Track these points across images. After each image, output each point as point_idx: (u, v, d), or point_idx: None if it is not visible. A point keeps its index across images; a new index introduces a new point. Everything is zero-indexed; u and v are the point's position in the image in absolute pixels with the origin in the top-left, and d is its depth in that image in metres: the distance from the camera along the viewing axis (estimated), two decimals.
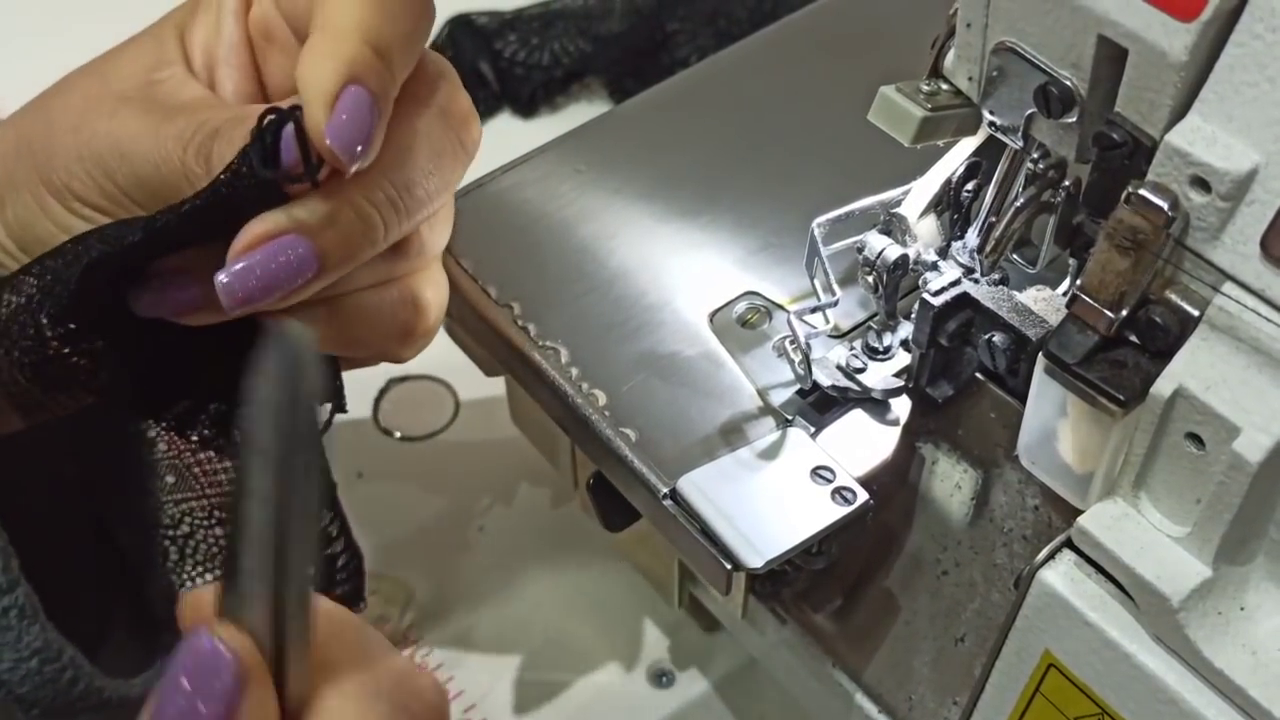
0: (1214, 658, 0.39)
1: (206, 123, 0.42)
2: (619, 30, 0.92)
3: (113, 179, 0.43)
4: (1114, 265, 0.39)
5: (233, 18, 0.47)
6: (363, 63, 0.41)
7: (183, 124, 0.42)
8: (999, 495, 0.49)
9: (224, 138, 0.42)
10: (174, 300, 0.43)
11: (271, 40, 0.47)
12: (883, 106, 0.45)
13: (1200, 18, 0.36)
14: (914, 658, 0.50)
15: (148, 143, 0.42)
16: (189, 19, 0.47)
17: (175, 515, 0.49)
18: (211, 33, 0.47)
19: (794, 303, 0.54)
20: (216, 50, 0.47)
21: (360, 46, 0.41)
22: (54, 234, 0.44)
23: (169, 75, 0.45)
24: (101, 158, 0.43)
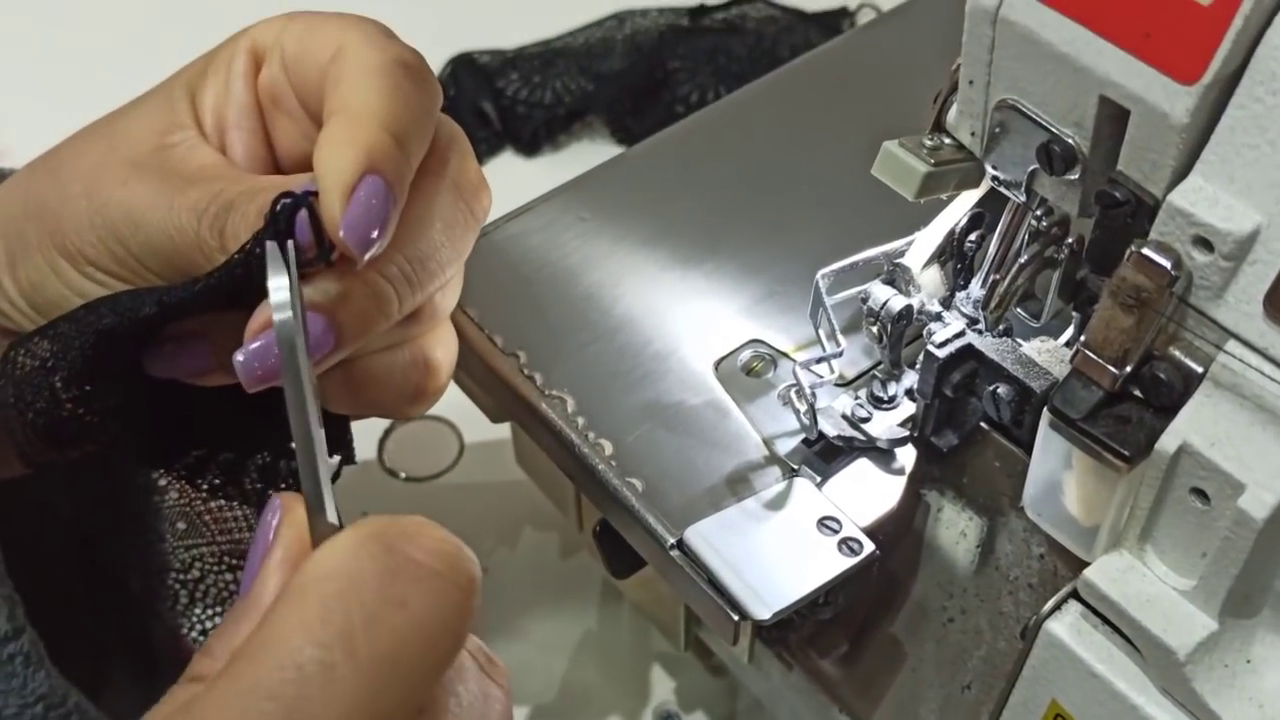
0: (1221, 711, 0.40)
1: (220, 195, 0.42)
2: (620, 68, 0.93)
3: (126, 246, 0.43)
4: (1118, 322, 0.39)
5: (242, 81, 0.47)
6: (381, 151, 0.41)
7: (196, 196, 0.42)
8: (1004, 543, 0.49)
9: (238, 211, 0.42)
10: (188, 365, 0.43)
11: (279, 106, 0.47)
12: (886, 162, 0.45)
13: (1201, 81, 0.36)
14: (920, 705, 0.50)
15: (162, 213, 0.42)
16: (199, 80, 0.47)
17: (186, 560, 0.49)
18: (221, 95, 0.46)
19: (799, 350, 0.54)
20: (227, 113, 0.47)
21: (379, 133, 0.41)
22: (66, 296, 0.44)
23: (181, 140, 0.45)
24: (114, 225, 0.43)
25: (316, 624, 0.34)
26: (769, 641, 0.53)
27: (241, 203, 0.42)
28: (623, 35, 0.95)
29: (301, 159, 0.47)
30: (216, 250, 0.42)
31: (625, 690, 0.66)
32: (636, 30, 0.95)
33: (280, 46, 0.46)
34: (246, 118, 0.47)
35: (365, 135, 0.41)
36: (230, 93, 0.46)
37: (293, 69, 0.46)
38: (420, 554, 0.35)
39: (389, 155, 0.41)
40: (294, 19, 0.47)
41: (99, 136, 0.46)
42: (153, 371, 0.43)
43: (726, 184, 0.62)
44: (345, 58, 0.43)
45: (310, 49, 0.45)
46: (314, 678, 0.33)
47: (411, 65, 0.44)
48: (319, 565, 0.35)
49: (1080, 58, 0.39)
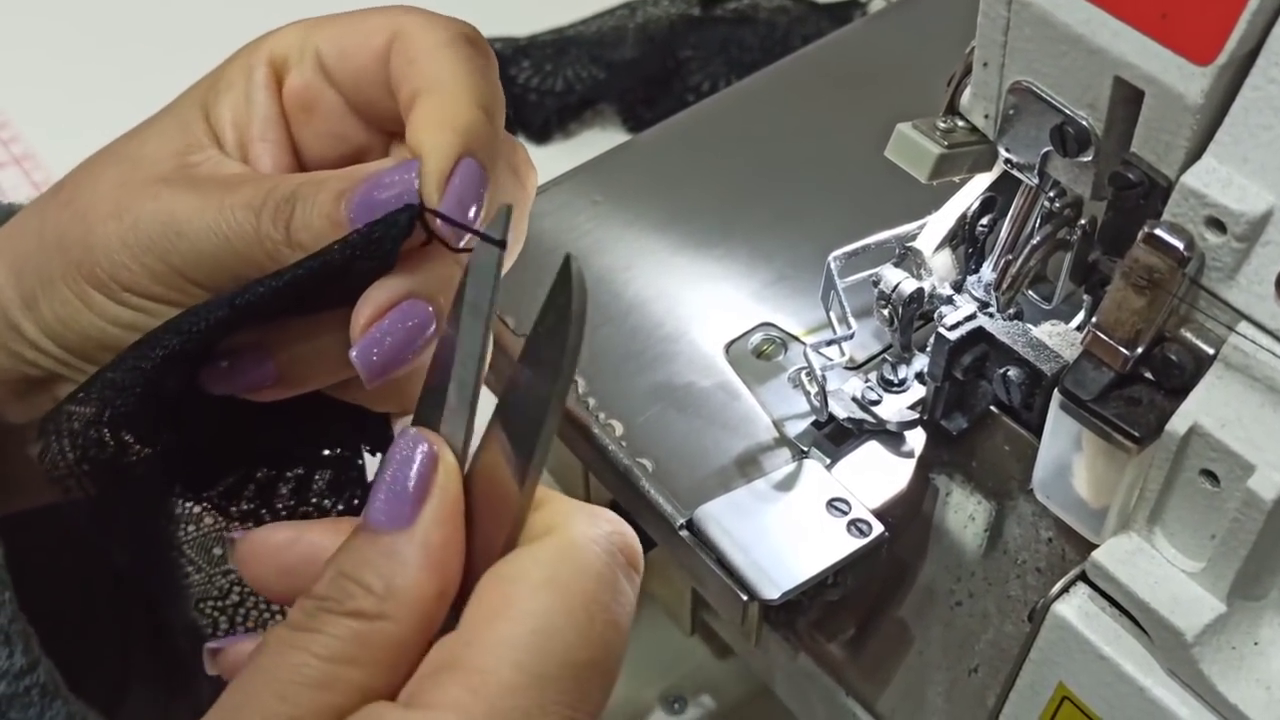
0: (1228, 693, 0.40)
1: (275, 189, 0.41)
2: (632, 57, 0.93)
3: (167, 261, 0.42)
4: (1129, 303, 0.39)
5: (265, 93, 0.45)
6: (477, 128, 0.40)
7: (250, 192, 0.41)
8: (1013, 527, 0.49)
9: (305, 202, 0.41)
10: (250, 377, 0.42)
11: (313, 111, 0.46)
12: (900, 143, 0.46)
13: (1216, 62, 0.36)
14: (927, 688, 0.50)
15: (210, 216, 0.41)
16: (211, 97, 0.46)
17: (224, 586, 0.49)
18: (241, 109, 0.45)
19: (809, 334, 0.55)
20: (250, 127, 0.45)
21: (473, 110, 0.41)
22: (101, 328, 0.43)
23: (204, 158, 0.44)
24: (152, 241, 0.42)
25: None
26: (776, 624, 0.53)
27: (307, 194, 0.41)
28: (634, 24, 0.95)
29: (335, 163, 0.46)
30: (282, 244, 0.41)
31: (631, 674, 0.66)
32: (648, 19, 0.96)
33: (312, 52, 0.45)
34: (272, 129, 0.45)
35: (461, 113, 0.40)
36: (252, 105, 0.45)
37: (337, 68, 0.45)
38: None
39: (483, 132, 0.41)
40: (317, 25, 0.46)
41: (111, 163, 0.45)
42: (211, 388, 0.43)
43: (738, 169, 0.62)
44: (411, 40, 0.43)
45: (355, 45, 0.44)
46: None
47: (474, 37, 0.43)
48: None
49: (1095, 39, 0.39)
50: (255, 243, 0.41)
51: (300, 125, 0.46)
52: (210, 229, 0.41)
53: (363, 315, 0.40)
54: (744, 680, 0.66)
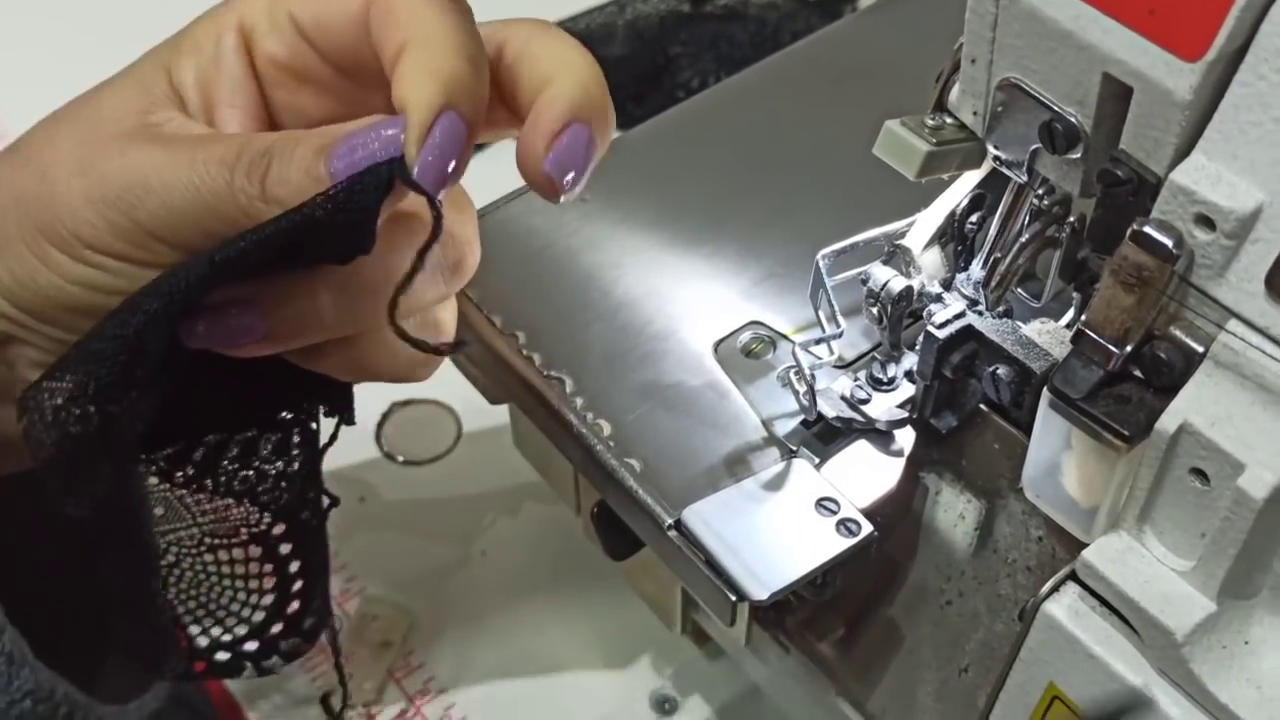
0: (1218, 692, 0.39)
1: (249, 145, 0.41)
2: (621, 54, 0.93)
3: (132, 216, 0.41)
4: (1119, 301, 0.39)
5: (235, 56, 0.45)
6: (460, 80, 0.41)
7: (222, 148, 0.41)
8: (1003, 526, 0.49)
9: (283, 156, 0.41)
10: (235, 327, 0.42)
11: (305, 78, 0.46)
12: (888, 141, 0.45)
13: (1205, 58, 0.36)
14: (918, 688, 0.50)
15: (182, 170, 0.41)
16: (174, 59, 0.45)
17: (160, 546, 0.48)
18: (208, 73, 0.45)
19: (798, 333, 0.54)
20: (216, 90, 0.45)
21: (457, 61, 0.41)
22: (60, 286, 0.42)
23: (167, 118, 0.44)
24: (118, 197, 0.41)
25: None
26: (766, 624, 0.53)
27: (285, 148, 0.41)
28: (624, 21, 0.95)
29: (316, 123, 0.45)
30: (257, 199, 0.41)
31: (621, 674, 0.66)
32: (638, 16, 0.95)
33: (284, 18, 0.44)
34: (240, 95, 0.45)
35: (443, 65, 0.40)
36: (222, 69, 0.45)
37: (317, 33, 0.45)
38: None
39: (467, 83, 0.41)
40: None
41: (71, 121, 0.44)
42: (191, 342, 0.42)
43: (728, 166, 0.62)
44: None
45: (331, 9, 0.44)
46: None
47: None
48: None
49: (1084, 35, 0.38)
50: (228, 198, 0.41)
51: (290, 92, 0.46)
52: (180, 183, 0.41)
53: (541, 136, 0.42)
54: (734, 681, 0.65)
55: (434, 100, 0.40)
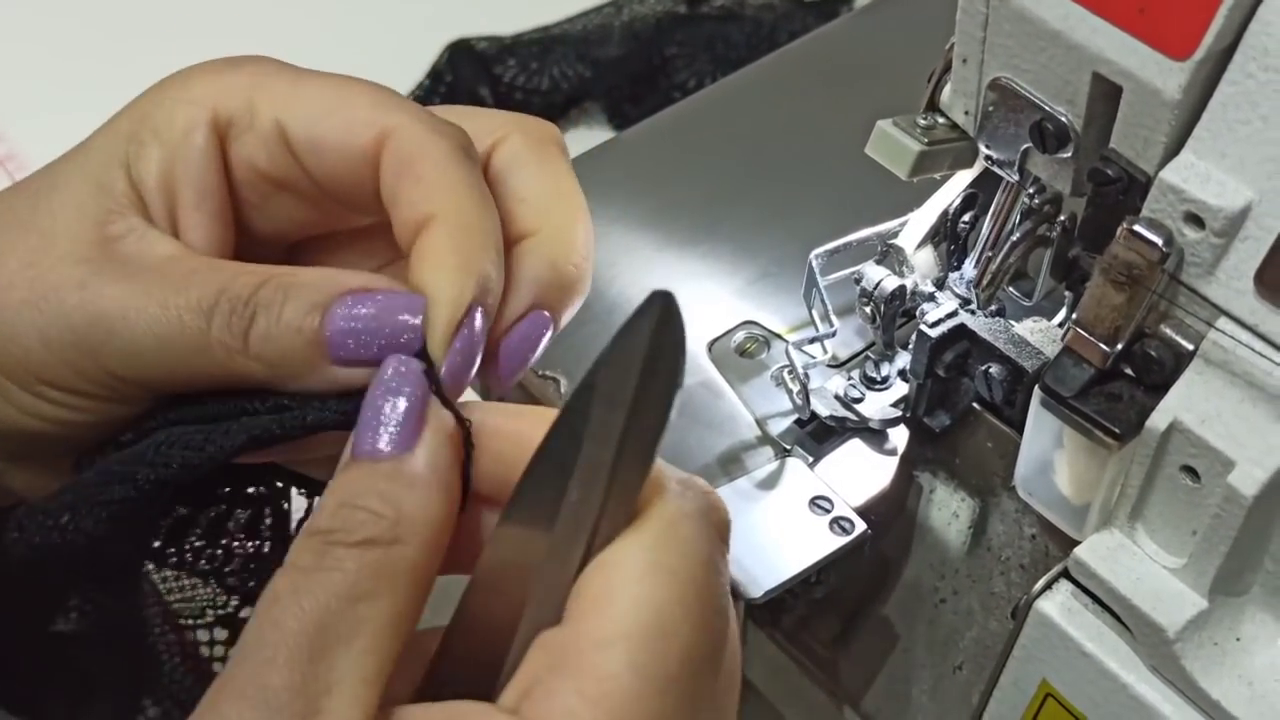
0: (1210, 689, 0.40)
1: (227, 291, 0.37)
2: (617, 55, 0.93)
3: (96, 358, 0.37)
4: (1109, 299, 0.39)
5: (203, 158, 0.40)
6: (491, 276, 0.38)
7: (198, 293, 0.37)
8: (996, 524, 0.49)
9: (269, 310, 0.37)
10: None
11: (285, 189, 0.41)
12: (880, 141, 0.45)
13: (1194, 57, 0.36)
14: (912, 686, 0.50)
15: (151, 314, 0.37)
16: (134, 151, 0.40)
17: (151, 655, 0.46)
18: (172, 169, 0.40)
19: (792, 332, 0.54)
20: (182, 192, 0.40)
21: (491, 253, 0.38)
22: (18, 419, 0.39)
23: (126, 230, 0.39)
24: (79, 338, 0.37)
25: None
26: (761, 623, 0.53)
27: (271, 299, 0.37)
28: (620, 22, 0.95)
29: (289, 238, 0.43)
30: (238, 353, 0.37)
31: None
32: (634, 17, 0.95)
33: (270, 123, 0.40)
34: (209, 200, 0.40)
35: (477, 256, 0.37)
36: (189, 169, 0.40)
37: (309, 154, 0.40)
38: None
39: (496, 277, 0.38)
40: (265, 84, 0.40)
41: (17, 234, 0.39)
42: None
43: (722, 167, 0.62)
44: (410, 149, 0.39)
45: (335, 137, 0.40)
46: None
47: (469, 147, 0.40)
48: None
49: (1073, 34, 0.39)
50: (204, 349, 0.37)
51: (263, 197, 0.42)
52: (150, 329, 0.37)
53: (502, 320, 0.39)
54: None
55: (465, 297, 0.37)
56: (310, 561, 0.32)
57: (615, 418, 0.31)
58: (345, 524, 0.32)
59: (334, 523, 0.33)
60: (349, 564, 0.32)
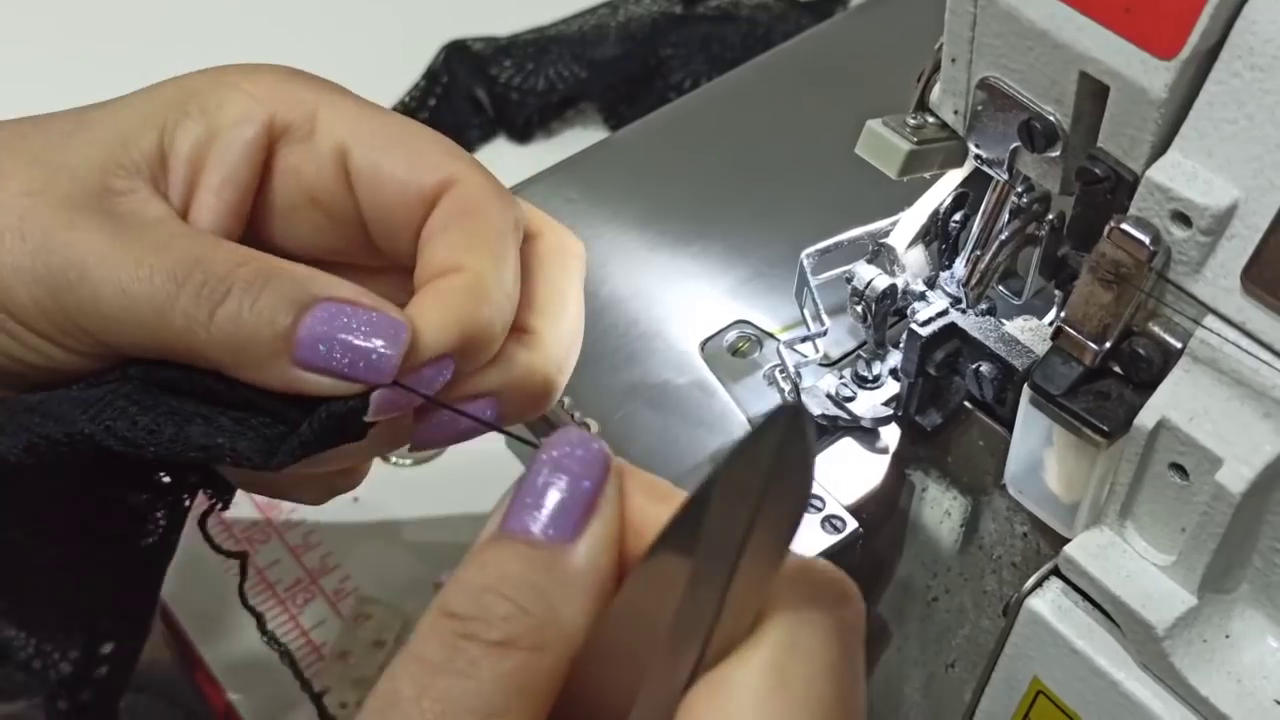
0: (1200, 685, 0.40)
1: (204, 263, 0.36)
2: (613, 55, 0.93)
3: (58, 299, 0.37)
4: (1097, 298, 0.39)
5: (246, 151, 0.40)
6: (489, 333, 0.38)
7: (175, 257, 0.36)
8: (988, 522, 0.49)
9: (246, 292, 0.36)
10: None
11: (317, 206, 0.41)
12: (869, 140, 0.46)
13: (1179, 56, 0.36)
14: (904, 684, 0.50)
15: (123, 268, 0.36)
16: (174, 119, 0.39)
17: None
18: (206, 150, 0.39)
19: (784, 331, 0.55)
20: (208, 173, 0.40)
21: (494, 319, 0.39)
22: None
23: (130, 190, 0.39)
24: (49, 275, 0.36)
25: None
26: None
27: (251, 282, 0.36)
28: (616, 22, 0.95)
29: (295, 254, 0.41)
30: (200, 327, 0.36)
31: None
32: (630, 17, 0.95)
33: (334, 143, 0.40)
34: (232, 190, 0.40)
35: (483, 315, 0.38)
36: (224, 157, 0.40)
37: (369, 183, 0.40)
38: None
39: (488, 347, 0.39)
40: (334, 102, 0.40)
41: (26, 161, 0.38)
42: None
43: (714, 167, 0.62)
44: (472, 200, 0.39)
45: (401, 167, 0.40)
46: None
47: (521, 222, 0.41)
48: None
49: (1060, 34, 0.39)
50: (167, 315, 0.36)
51: (291, 208, 0.41)
52: (116, 282, 0.36)
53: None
54: None
55: (450, 343, 0.37)
56: (440, 658, 0.28)
57: (739, 519, 0.28)
58: (485, 614, 0.29)
59: (472, 609, 0.29)
60: (485, 670, 0.28)
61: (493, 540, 0.30)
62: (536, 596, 0.29)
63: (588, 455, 0.31)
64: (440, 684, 0.28)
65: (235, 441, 0.37)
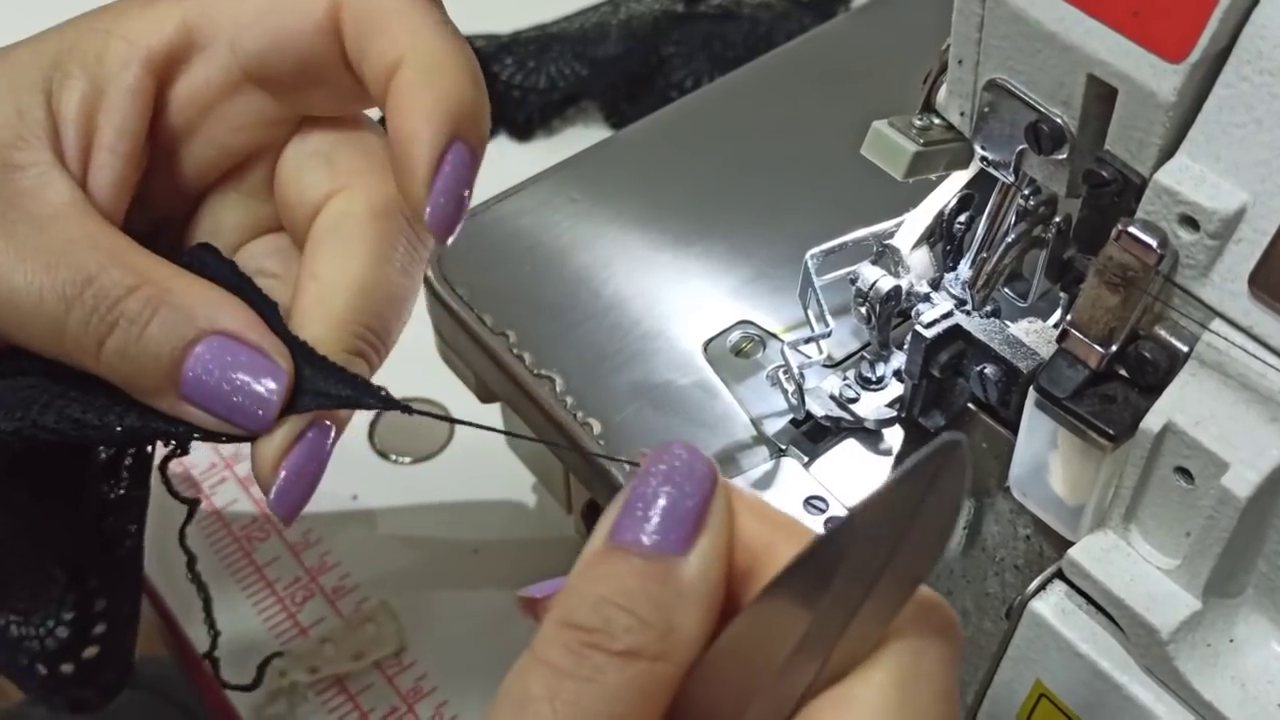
0: (1204, 690, 0.40)
1: (97, 283, 0.36)
2: (615, 54, 0.93)
3: None
4: (1104, 301, 0.39)
5: (130, 97, 0.38)
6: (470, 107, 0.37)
7: (65, 275, 0.36)
8: (991, 525, 0.49)
9: (134, 323, 0.36)
10: None
11: (209, 115, 0.40)
12: (875, 141, 0.45)
13: (1188, 59, 0.36)
14: None
15: (16, 276, 0.36)
16: (58, 80, 0.38)
17: None
18: (94, 105, 0.38)
19: (788, 332, 0.54)
20: (101, 130, 0.39)
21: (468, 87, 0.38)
22: None
23: (30, 163, 0.37)
24: None
25: None
26: None
27: (138, 314, 0.36)
28: (618, 20, 0.95)
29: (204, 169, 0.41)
30: (88, 355, 0.36)
31: None
32: (632, 15, 0.95)
33: (221, 52, 0.39)
34: (126, 141, 0.39)
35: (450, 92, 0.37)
36: (112, 108, 0.39)
37: (273, 61, 0.39)
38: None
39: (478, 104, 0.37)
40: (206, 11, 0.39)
41: None
42: None
43: (717, 166, 0.62)
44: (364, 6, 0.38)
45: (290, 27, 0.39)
46: None
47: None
48: None
49: (1068, 36, 0.39)
50: (57, 335, 0.36)
51: (183, 133, 0.40)
52: (7, 290, 0.36)
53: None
54: None
55: (440, 138, 0.36)
56: (568, 664, 0.29)
57: (876, 557, 0.29)
58: (608, 625, 0.29)
59: (595, 621, 0.29)
60: (611, 676, 0.29)
61: (606, 552, 0.30)
62: (655, 609, 0.29)
63: (697, 468, 0.31)
64: (570, 687, 0.29)
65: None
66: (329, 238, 0.40)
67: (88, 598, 0.43)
